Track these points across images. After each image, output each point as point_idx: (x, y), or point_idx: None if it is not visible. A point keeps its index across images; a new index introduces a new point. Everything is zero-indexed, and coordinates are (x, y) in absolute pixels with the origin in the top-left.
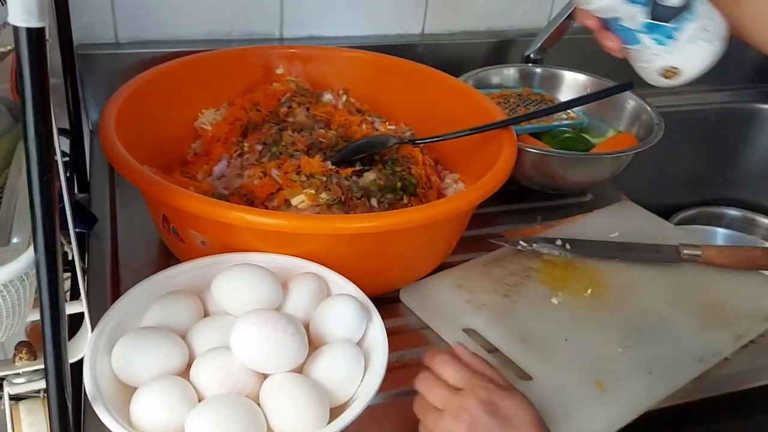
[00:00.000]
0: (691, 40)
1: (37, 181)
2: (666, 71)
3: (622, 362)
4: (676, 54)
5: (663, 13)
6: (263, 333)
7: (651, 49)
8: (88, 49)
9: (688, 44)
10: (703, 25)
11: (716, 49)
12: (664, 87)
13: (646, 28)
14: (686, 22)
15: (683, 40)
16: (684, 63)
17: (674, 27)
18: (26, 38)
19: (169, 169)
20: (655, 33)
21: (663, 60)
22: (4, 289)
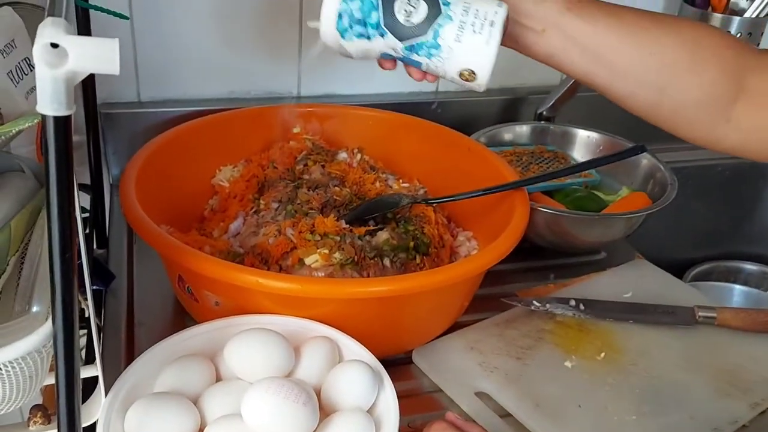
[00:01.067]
0: (456, 40)
1: (58, 259)
2: (462, 75)
3: (636, 430)
4: (453, 58)
5: (408, 32)
6: (275, 402)
7: (432, 64)
8: (111, 108)
9: (455, 44)
10: (459, 23)
11: (488, 36)
12: (481, 89)
13: (408, 50)
14: (441, 28)
15: (449, 45)
16: (468, 62)
17: (431, 38)
18: (53, 126)
19: (186, 225)
20: (420, 50)
21: (450, 67)
22: (22, 361)
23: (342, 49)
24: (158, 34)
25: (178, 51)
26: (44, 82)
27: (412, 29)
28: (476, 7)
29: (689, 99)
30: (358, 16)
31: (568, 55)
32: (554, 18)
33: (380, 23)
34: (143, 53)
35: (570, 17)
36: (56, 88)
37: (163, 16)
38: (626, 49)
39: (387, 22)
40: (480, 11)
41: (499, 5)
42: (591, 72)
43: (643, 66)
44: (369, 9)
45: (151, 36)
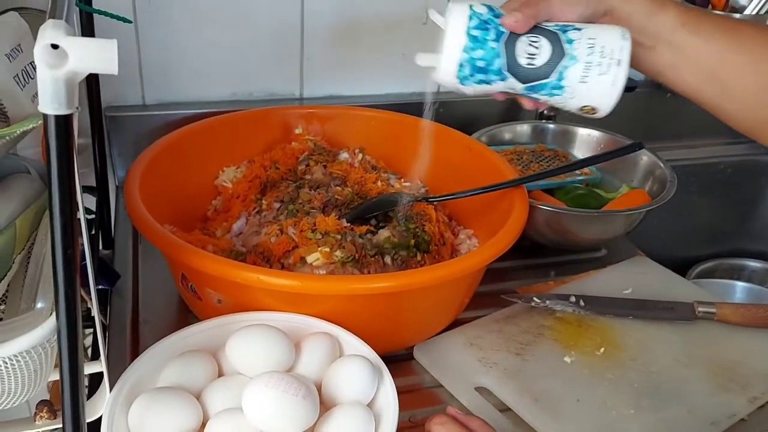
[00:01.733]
0: (582, 81)
1: (60, 255)
2: (584, 111)
3: (634, 424)
4: (577, 97)
5: (531, 75)
6: (275, 396)
7: (553, 101)
8: (115, 111)
9: (580, 85)
10: (585, 64)
11: (615, 77)
12: (602, 117)
13: (529, 90)
14: (566, 70)
15: (574, 85)
16: (590, 100)
17: (555, 80)
18: (54, 125)
19: (189, 225)
20: (542, 90)
21: (571, 104)
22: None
23: (457, 89)
24: (162, 37)
25: (182, 54)
26: (45, 82)
27: (536, 72)
28: (602, 44)
29: None
30: (480, 65)
31: (678, 72)
32: (667, 34)
33: (502, 69)
34: (147, 57)
35: (684, 33)
36: (57, 88)
37: (166, 20)
38: (743, 68)
39: (510, 67)
40: (606, 48)
41: (623, 36)
42: (702, 90)
43: (758, 85)
44: (492, 57)
45: (154, 40)
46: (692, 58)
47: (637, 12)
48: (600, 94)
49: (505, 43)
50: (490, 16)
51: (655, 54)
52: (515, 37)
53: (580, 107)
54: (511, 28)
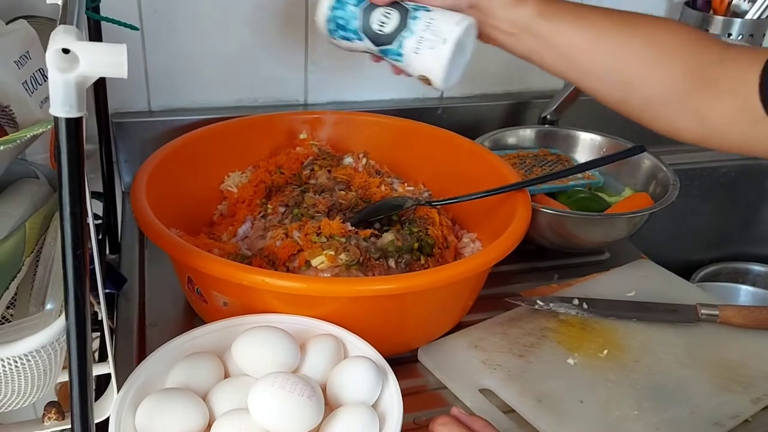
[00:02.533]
0: (414, 51)
1: (70, 255)
2: (422, 79)
3: (637, 425)
4: (412, 65)
5: (380, 39)
6: (281, 396)
7: (399, 66)
8: (122, 117)
9: (413, 55)
10: (419, 38)
11: (442, 52)
12: (440, 89)
13: (382, 53)
14: (404, 39)
15: (409, 54)
16: (423, 70)
17: (396, 47)
18: (65, 127)
19: (195, 230)
20: (389, 55)
21: (412, 71)
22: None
23: (332, 43)
24: (168, 44)
25: (188, 61)
26: (56, 86)
27: (383, 37)
28: (437, 25)
29: (654, 95)
30: (340, 23)
31: (541, 56)
32: (525, 22)
33: (359, 30)
34: (153, 64)
35: (540, 21)
36: (68, 92)
37: (172, 28)
38: (593, 50)
39: (364, 29)
40: (438, 29)
41: (458, 22)
42: (564, 71)
43: (609, 64)
44: (350, 18)
45: (161, 47)
46: (550, 42)
47: (498, 5)
48: (429, 66)
49: (364, 9)
50: None
51: (518, 40)
52: (374, 7)
53: (418, 75)
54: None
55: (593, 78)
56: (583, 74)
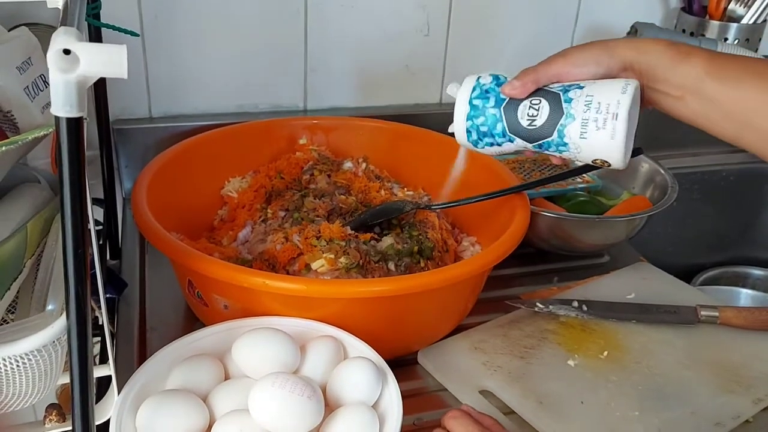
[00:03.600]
0: (581, 137)
1: (71, 254)
2: (596, 163)
3: (638, 426)
4: (583, 152)
5: (534, 135)
6: (281, 396)
7: (565, 156)
8: (123, 124)
9: (581, 141)
10: (582, 121)
11: (612, 130)
12: (620, 168)
13: (539, 148)
14: (565, 128)
15: (575, 141)
16: (597, 154)
17: (557, 138)
18: (66, 127)
19: (196, 235)
20: (550, 148)
21: (582, 158)
22: (38, 353)
23: (477, 151)
24: (168, 51)
25: (188, 67)
26: (57, 86)
27: (537, 132)
28: (599, 100)
29: None
30: (483, 130)
31: (711, 120)
32: (693, 84)
33: (506, 132)
34: (154, 70)
35: (710, 82)
36: (68, 92)
37: (173, 34)
38: None
39: (512, 129)
40: (602, 104)
41: (623, 90)
42: (741, 137)
43: None
44: (494, 122)
45: (161, 53)
46: (724, 107)
47: (658, 64)
48: (603, 148)
49: (505, 108)
50: (492, 85)
51: (684, 104)
52: (517, 102)
53: (592, 160)
54: (509, 94)
55: None
56: (762, 139)
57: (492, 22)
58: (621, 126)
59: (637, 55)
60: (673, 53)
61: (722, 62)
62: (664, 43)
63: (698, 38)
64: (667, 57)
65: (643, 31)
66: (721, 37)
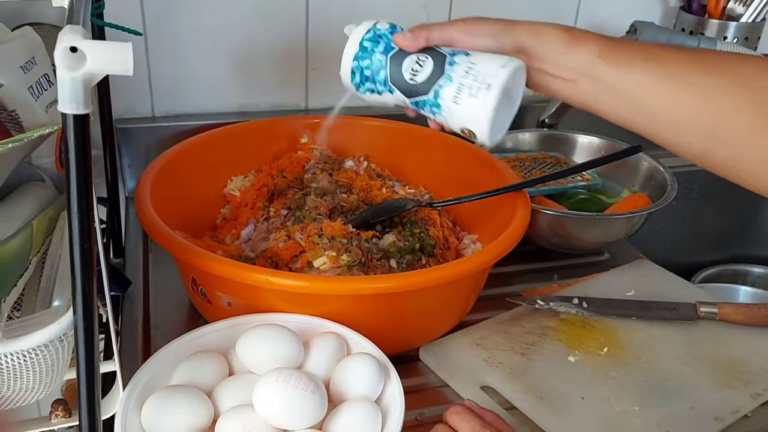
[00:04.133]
0: (454, 101)
1: (78, 250)
2: (464, 132)
3: (638, 421)
4: (453, 117)
5: (412, 90)
6: (285, 391)
7: (437, 118)
8: (126, 123)
9: (453, 105)
10: (458, 85)
11: (483, 100)
12: (487, 145)
13: (414, 105)
14: (441, 89)
15: (448, 104)
16: (465, 122)
17: (432, 97)
18: (72, 123)
19: (199, 233)
20: (425, 106)
21: (451, 123)
22: (45, 348)
23: (357, 96)
24: (171, 50)
25: (190, 67)
26: (64, 83)
27: (416, 87)
28: (478, 69)
29: (749, 146)
30: (367, 74)
31: (603, 103)
32: (586, 68)
33: (387, 80)
34: (157, 69)
35: (603, 65)
36: (75, 89)
37: (175, 34)
38: (667, 96)
39: (393, 80)
40: (480, 73)
41: (504, 65)
42: (631, 119)
43: (685, 113)
44: (378, 68)
45: (163, 53)
46: (614, 89)
47: (551, 48)
48: (472, 117)
49: (392, 57)
50: (386, 32)
51: (578, 87)
52: (404, 54)
53: (460, 128)
54: (398, 44)
55: (665, 126)
56: (657, 124)
57: None
58: (492, 97)
59: (533, 39)
60: (567, 37)
61: (614, 46)
62: (560, 28)
63: (697, 37)
64: (560, 41)
65: (643, 30)
66: (720, 36)
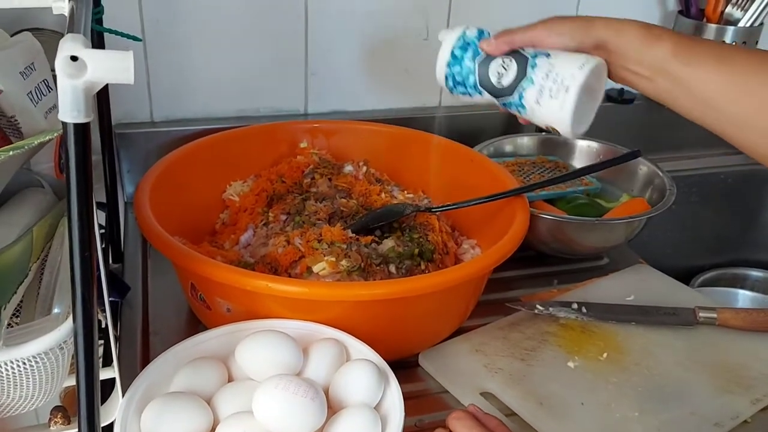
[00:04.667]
0: (537, 102)
1: (78, 258)
2: (548, 128)
3: (638, 426)
4: (537, 117)
5: (499, 93)
6: (284, 397)
7: (524, 116)
8: (125, 128)
9: (536, 106)
10: (539, 87)
11: (562, 102)
12: (571, 138)
13: (503, 105)
14: (524, 91)
15: (532, 105)
16: (548, 121)
17: (517, 99)
18: (73, 132)
19: (198, 238)
20: (512, 107)
21: (537, 122)
22: (45, 356)
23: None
24: (170, 55)
25: (189, 72)
26: (65, 92)
27: (502, 90)
28: (557, 71)
29: None
30: (458, 80)
31: (678, 101)
32: (661, 64)
33: (477, 85)
34: (156, 75)
35: (677, 64)
36: (76, 97)
37: (174, 39)
38: (736, 95)
39: (482, 83)
40: (559, 75)
41: (581, 66)
42: (703, 117)
43: (755, 111)
44: (467, 74)
45: (162, 58)
46: (687, 87)
47: (630, 46)
48: (554, 117)
49: (480, 62)
50: (473, 38)
51: (654, 84)
52: (490, 59)
53: (544, 125)
54: (484, 50)
55: (736, 126)
56: (726, 121)
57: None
58: (570, 99)
59: (613, 36)
60: (644, 34)
61: (689, 45)
62: (638, 24)
63: None
64: (638, 38)
65: None
66: (719, 40)
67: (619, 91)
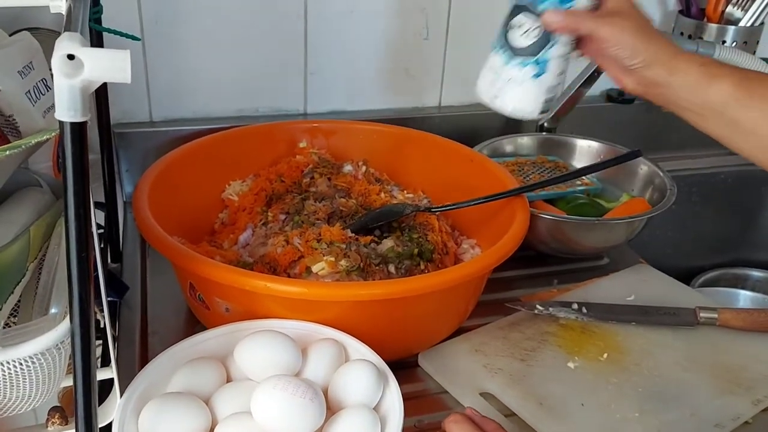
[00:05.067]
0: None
1: (75, 258)
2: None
3: (638, 427)
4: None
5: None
6: (283, 398)
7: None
8: (124, 128)
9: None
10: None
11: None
12: None
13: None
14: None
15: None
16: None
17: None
18: (70, 131)
19: (197, 238)
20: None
21: None
22: (42, 356)
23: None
24: (168, 55)
25: (188, 71)
26: (62, 91)
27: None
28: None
29: None
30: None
31: (734, 142)
32: (718, 108)
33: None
34: (155, 74)
35: (737, 108)
36: (72, 96)
37: (173, 39)
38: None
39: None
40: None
41: None
42: (759, 155)
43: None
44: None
45: (161, 57)
46: (748, 130)
47: (682, 86)
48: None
49: None
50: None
51: (707, 122)
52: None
53: None
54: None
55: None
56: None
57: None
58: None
59: (666, 76)
60: (700, 76)
61: (748, 85)
62: (695, 62)
63: (696, 41)
64: (694, 79)
65: None
66: (719, 40)
67: (619, 91)
